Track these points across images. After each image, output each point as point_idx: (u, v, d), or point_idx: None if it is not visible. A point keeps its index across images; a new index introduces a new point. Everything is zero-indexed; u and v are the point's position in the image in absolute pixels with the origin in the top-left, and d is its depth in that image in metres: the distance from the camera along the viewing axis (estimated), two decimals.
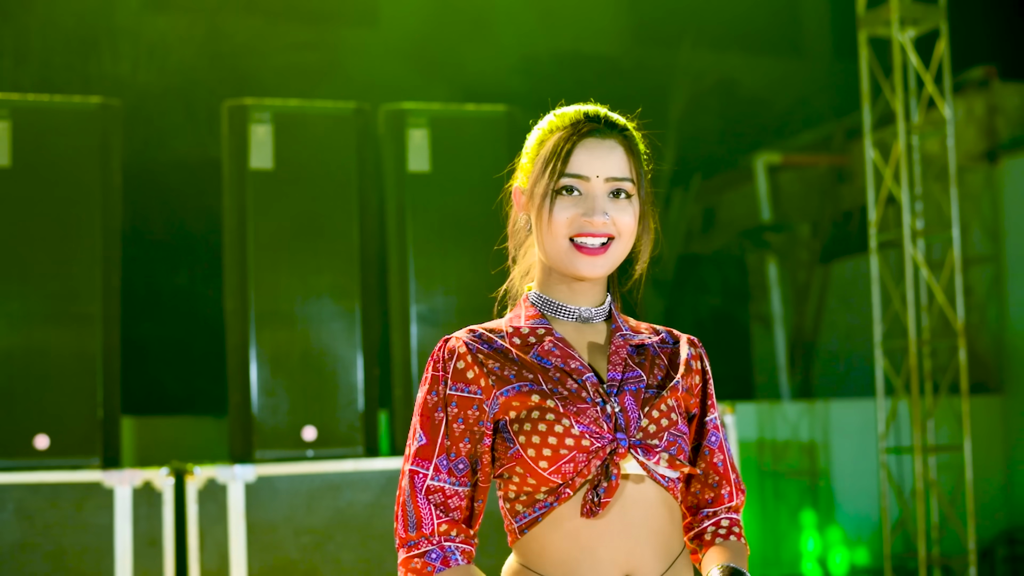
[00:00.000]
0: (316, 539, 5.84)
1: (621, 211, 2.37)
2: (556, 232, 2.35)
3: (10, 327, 5.78)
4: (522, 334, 2.39)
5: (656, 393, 2.34)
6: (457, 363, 2.34)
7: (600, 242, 2.35)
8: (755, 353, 13.55)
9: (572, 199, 2.36)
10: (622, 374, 2.35)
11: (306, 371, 6.06)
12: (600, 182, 2.36)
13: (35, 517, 5.58)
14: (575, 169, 2.35)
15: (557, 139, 2.40)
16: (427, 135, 6.27)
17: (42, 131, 5.92)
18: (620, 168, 2.38)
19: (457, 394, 2.33)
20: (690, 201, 11.90)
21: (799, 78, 13.92)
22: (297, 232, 6.13)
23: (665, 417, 2.32)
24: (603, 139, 2.39)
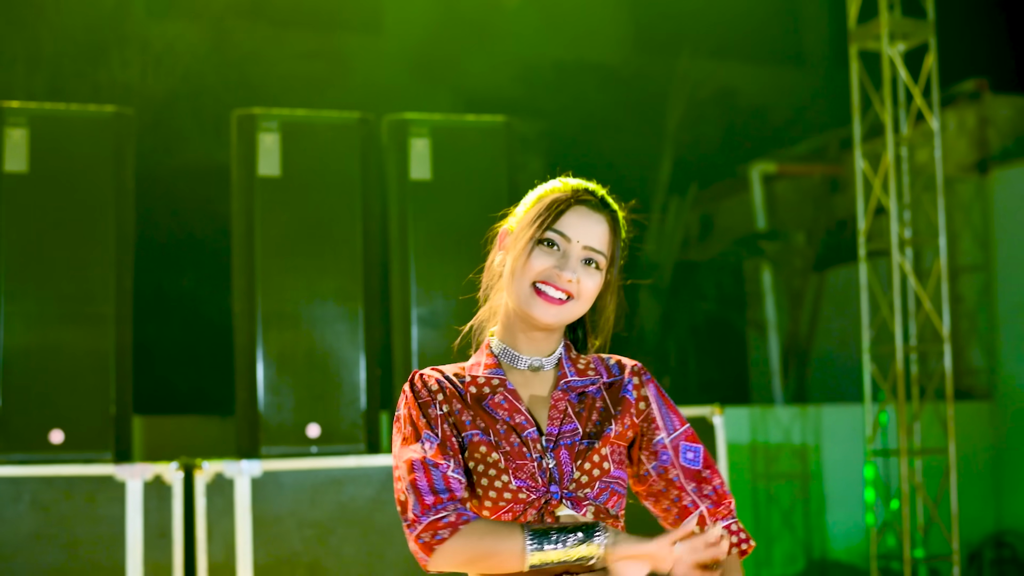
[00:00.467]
0: (319, 532, 5.98)
1: (588, 277, 2.61)
2: (525, 275, 2.60)
3: (27, 326, 5.94)
4: (478, 383, 2.64)
5: (589, 445, 2.59)
6: (438, 395, 2.62)
7: (559, 296, 2.59)
8: (750, 358, 13.62)
9: (550, 252, 2.61)
10: (559, 427, 2.59)
11: (311, 371, 6.21)
12: (579, 247, 2.61)
13: (50, 509, 5.73)
14: (562, 228, 2.61)
15: (555, 199, 2.65)
16: (428, 144, 6.41)
17: (58, 138, 6.09)
18: (600, 241, 2.63)
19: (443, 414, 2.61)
20: (687, 209, 11.99)
21: (797, 88, 14.04)
22: (303, 237, 6.28)
23: (597, 468, 2.58)
24: (593, 211, 2.65)
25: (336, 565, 6.00)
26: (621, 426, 2.65)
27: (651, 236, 11.80)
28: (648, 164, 12.18)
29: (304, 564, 5.97)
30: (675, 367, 12.27)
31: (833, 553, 9.88)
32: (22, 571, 5.69)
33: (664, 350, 11.86)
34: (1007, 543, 9.74)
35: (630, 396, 2.69)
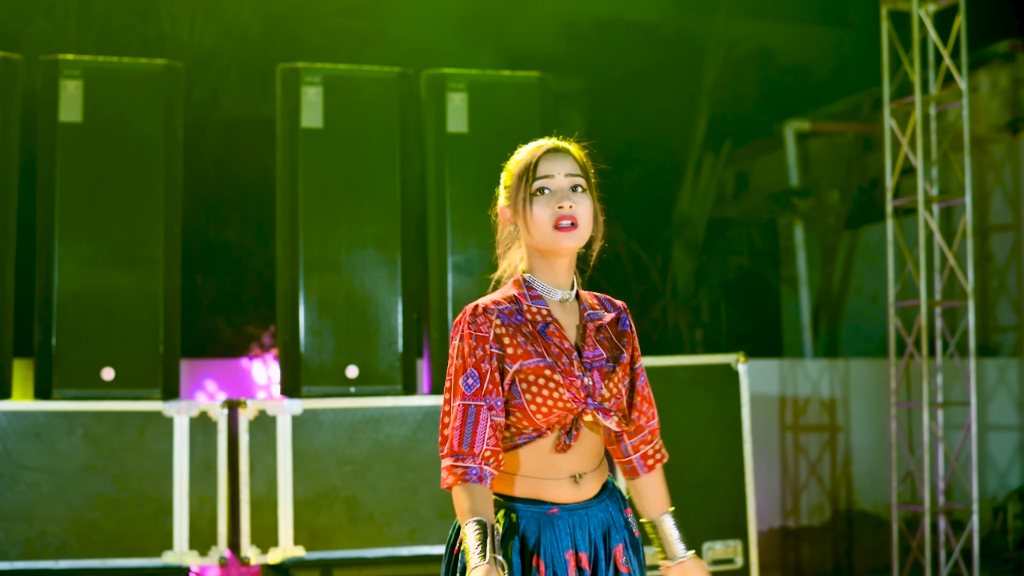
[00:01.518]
0: (356, 468, 6.21)
1: (580, 202, 3.14)
2: (540, 223, 3.12)
3: (80, 270, 6.15)
4: (532, 312, 3.15)
5: (612, 368, 3.18)
6: (496, 329, 3.12)
7: (569, 223, 3.10)
8: (784, 313, 13.64)
9: (545, 198, 3.13)
10: (592, 352, 3.16)
11: (350, 315, 6.41)
12: (562, 177, 3.14)
13: (101, 442, 5.98)
14: (542, 172, 3.14)
15: (526, 160, 3.18)
16: (465, 99, 6.58)
17: (111, 90, 6.30)
18: (574, 167, 3.17)
19: (497, 351, 3.11)
20: (721, 165, 11.97)
21: (833, 47, 14.00)
22: (344, 187, 6.46)
23: (616, 387, 3.18)
24: (558, 152, 3.19)
25: (372, 500, 6.21)
26: (628, 353, 3.25)
27: (685, 192, 11.84)
28: (684, 121, 12.20)
29: (342, 498, 6.18)
30: (708, 321, 12.34)
31: (859, 504, 9.96)
32: (75, 499, 5.92)
33: (697, 304, 11.93)
34: None
35: (629, 329, 3.29)
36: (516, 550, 3.09)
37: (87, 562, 5.92)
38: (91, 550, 5.92)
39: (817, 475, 9.92)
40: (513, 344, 3.11)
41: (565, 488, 3.14)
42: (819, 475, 9.92)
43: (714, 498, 6.68)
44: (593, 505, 3.17)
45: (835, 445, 9.95)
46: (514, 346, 3.10)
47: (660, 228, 11.88)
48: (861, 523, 9.94)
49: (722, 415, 6.75)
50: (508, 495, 3.13)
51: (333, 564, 6.13)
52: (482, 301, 3.17)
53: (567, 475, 3.14)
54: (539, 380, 3.09)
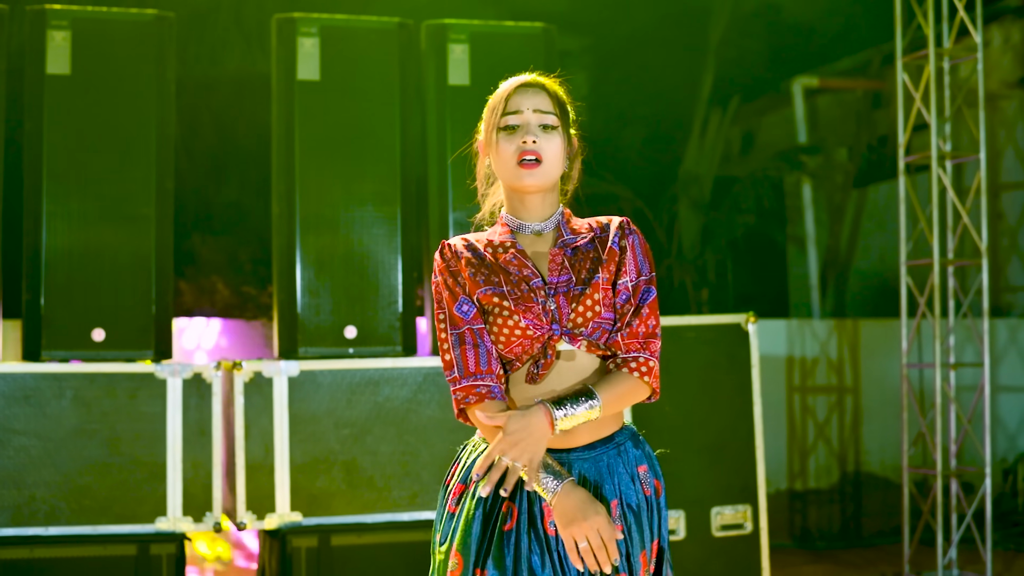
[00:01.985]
0: (355, 431, 6.08)
1: (548, 140, 3.12)
2: (505, 160, 3.12)
3: (69, 227, 6.01)
4: (494, 246, 3.16)
5: (581, 291, 3.08)
6: (461, 259, 3.14)
7: (531, 159, 3.09)
8: (791, 273, 13.58)
9: (513, 133, 3.12)
10: (557, 278, 3.10)
11: (348, 273, 6.28)
12: (530, 113, 3.12)
13: (92, 405, 5.84)
14: (512, 108, 3.13)
15: (499, 94, 3.19)
16: (467, 50, 6.43)
17: (100, 41, 6.13)
18: (545, 104, 3.15)
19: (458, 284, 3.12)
20: (728, 123, 11.91)
21: (842, 2, 13.87)
22: (342, 141, 6.32)
23: (589, 310, 3.08)
24: (530, 87, 3.17)
25: (372, 464, 6.09)
26: (607, 272, 3.13)
27: (692, 150, 11.75)
28: (691, 78, 12.11)
29: (340, 462, 6.06)
30: (714, 281, 12.27)
31: (867, 466, 9.89)
32: (65, 464, 5.80)
33: (703, 263, 11.85)
34: None
35: (615, 246, 3.16)
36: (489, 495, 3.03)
37: (78, 528, 5.80)
38: (82, 516, 5.81)
39: (825, 437, 9.92)
40: (469, 278, 3.11)
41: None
42: (827, 437, 9.92)
43: (723, 462, 6.56)
44: (585, 456, 3.08)
45: (843, 407, 9.92)
46: (469, 279, 3.11)
47: (666, 186, 11.80)
48: (869, 485, 9.94)
49: (731, 377, 6.62)
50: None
51: (331, 530, 6.01)
52: (449, 240, 3.21)
53: None
54: (494, 309, 3.08)
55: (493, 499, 3.04)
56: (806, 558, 9.04)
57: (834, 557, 9.04)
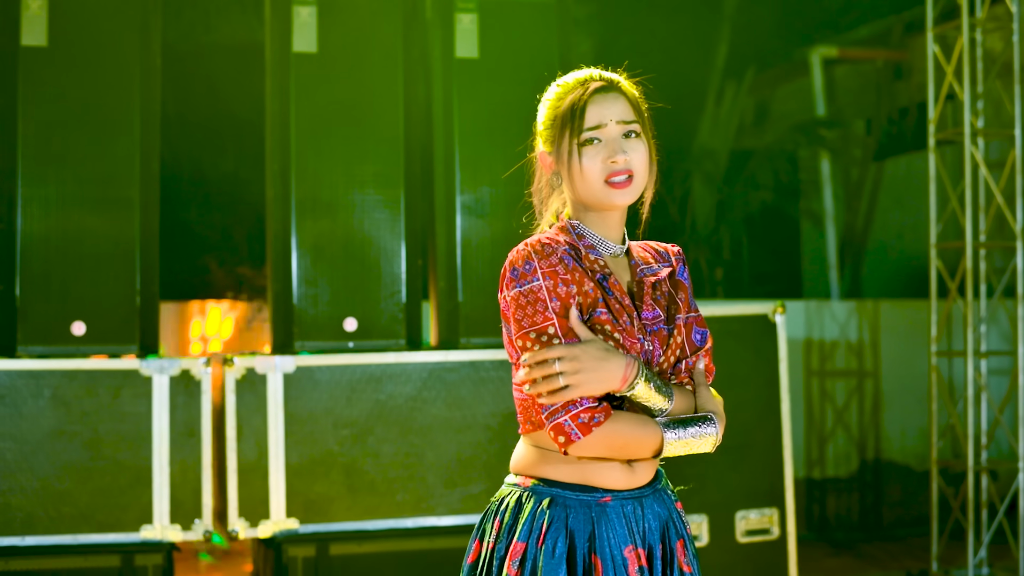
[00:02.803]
0: (356, 432, 5.85)
1: (634, 149, 2.83)
2: (590, 179, 2.82)
3: (46, 212, 5.78)
4: (589, 259, 2.86)
5: (669, 332, 2.87)
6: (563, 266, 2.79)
7: (624, 177, 2.82)
8: (804, 250, 13.50)
9: (595, 148, 2.83)
10: (651, 313, 2.86)
11: (348, 261, 6.07)
12: (614, 126, 2.83)
13: (72, 404, 5.61)
14: (592, 122, 2.83)
15: (571, 101, 2.86)
16: (476, 20, 6.22)
17: (80, 10, 5.89)
18: (627, 113, 2.85)
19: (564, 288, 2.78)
20: (743, 94, 11.76)
21: None
22: (340, 118, 6.10)
23: (673, 355, 2.87)
24: (607, 93, 2.86)
25: (373, 466, 5.87)
26: (684, 310, 2.93)
27: (706, 122, 11.56)
28: (703, 47, 11.93)
29: (339, 464, 5.85)
30: (729, 259, 12.10)
31: (888, 453, 9.72)
32: (42, 468, 5.57)
33: (718, 241, 11.69)
34: None
35: (684, 280, 2.99)
36: (564, 547, 2.77)
37: (57, 538, 5.56)
38: (61, 525, 5.56)
39: (844, 423, 9.79)
40: (583, 291, 2.81)
41: (617, 471, 2.83)
42: (846, 423, 9.79)
43: (748, 462, 6.30)
44: (649, 494, 2.88)
45: (863, 392, 9.85)
46: (583, 293, 2.81)
47: (679, 161, 11.62)
48: (890, 474, 9.88)
49: (757, 371, 6.36)
50: (552, 480, 2.84)
51: (330, 538, 5.77)
52: (538, 237, 2.85)
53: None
54: (608, 335, 2.81)
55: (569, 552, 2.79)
56: (826, 551, 8.98)
57: (855, 550, 8.99)
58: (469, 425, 5.91)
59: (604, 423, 2.71)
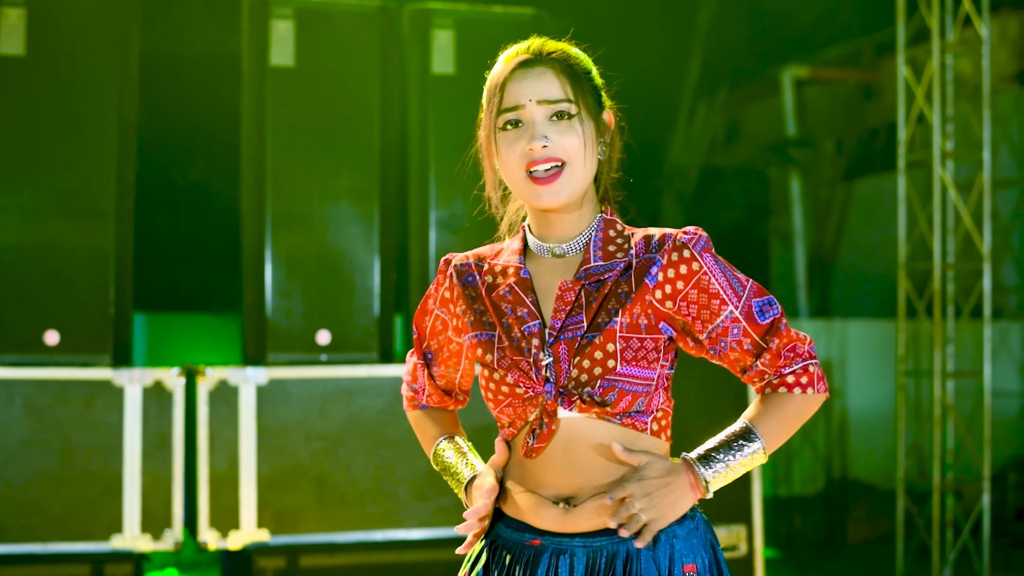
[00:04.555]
0: (327, 444, 5.87)
1: (563, 133, 2.39)
2: (511, 168, 2.42)
3: (21, 221, 5.80)
4: (495, 271, 2.51)
5: (590, 340, 2.37)
6: (446, 292, 2.57)
7: (545, 168, 2.39)
8: (773, 269, 13.55)
9: (515, 132, 2.41)
10: (563, 321, 2.40)
11: (322, 274, 6.10)
12: (534, 106, 2.40)
13: (44, 414, 5.62)
14: (511, 102, 2.41)
15: (493, 80, 2.46)
16: (452, 36, 6.27)
17: (57, 20, 5.91)
18: (553, 90, 2.40)
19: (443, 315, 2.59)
20: (715, 112, 11.83)
21: None
22: (317, 133, 6.13)
23: (598, 365, 2.36)
24: (532, 68, 2.43)
25: (345, 479, 5.89)
26: (630, 316, 2.38)
27: (677, 139, 11.62)
28: (677, 65, 11.99)
29: (311, 477, 5.86)
30: None
31: (854, 471, 9.76)
32: (14, 478, 5.58)
33: None
34: None
35: (650, 280, 2.39)
36: None
37: (26, 547, 5.56)
38: (31, 533, 5.57)
39: (811, 441, 9.74)
40: (457, 314, 2.54)
41: (548, 509, 2.42)
42: (813, 441, 9.75)
43: None
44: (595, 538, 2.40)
45: (831, 410, 9.83)
46: (458, 316, 2.54)
47: (650, 178, 11.67)
48: (855, 492, 9.84)
49: (726, 388, 6.36)
50: (499, 508, 2.52)
51: (300, 550, 5.79)
52: (458, 256, 2.59)
53: (550, 494, 2.42)
54: (484, 359, 2.47)
55: None
56: (791, 569, 8.91)
57: (820, 567, 8.97)
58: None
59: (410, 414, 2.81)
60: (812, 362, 2.42)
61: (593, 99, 2.45)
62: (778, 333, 2.41)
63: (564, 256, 2.46)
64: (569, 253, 2.45)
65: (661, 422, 2.43)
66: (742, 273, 2.45)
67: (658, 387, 2.40)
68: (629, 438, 2.39)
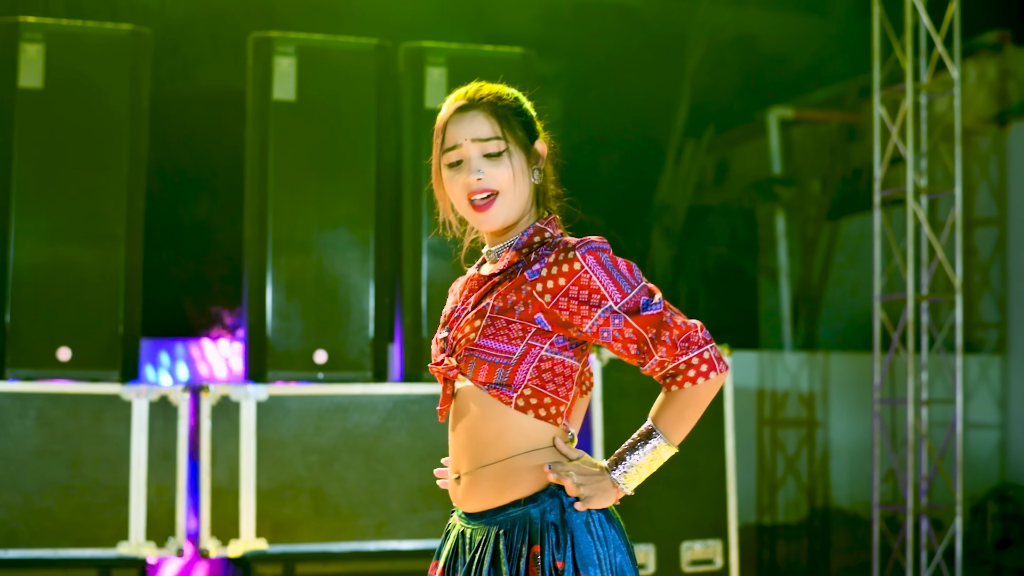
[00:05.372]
0: (323, 458, 6.04)
1: (495, 166, 2.74)
2: (456, 197, 2.79)
3: (37, 243, 5.96)
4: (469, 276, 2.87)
5: (465, 316, 2.74)
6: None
7: (482, 197, 2.74)
8: (762, 304, 13.59)
9: (457, 169, 2.77)
10: (462, 307, 2.78)
11: (320, 297, 6.25)
12: (469, 145, 2.75)
13: (55, 425, 5.79)
14: (450, 142, 2.77)
15: (438, 121, 2.84)
16: (445, 73, 6.40)
17: (74, 56, 6.10)
18: (484, 130, 2.75)
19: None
20: (702, 153, 11.95)
21: (817, 35, 13.90)
22: (316, 163, 6.30)
23: (462, 334, 2.71)
24: (467, 112, 2.78)
25: (339, 491, 6.05)
26: (503, 301, 2.70)
27: (665, 179, 11.77)
28: (665, 107, 12.13)
29: (307, 490, 6.02)
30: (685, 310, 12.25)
31: (836, 501, 9.88)
32: (26, 485, 5.74)
33: (675, 293, 11.85)
34: (1010, 497, 9.73)
35: (530, 274, 2.68)
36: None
37: (37, 552, 5.73)
38: (42, 539, 5.74)
39: (795, 471, 9.87)
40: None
41: (452, 483, 2.82)
42: (796, 471, 9.87)
43: (694, 496, 6.54)
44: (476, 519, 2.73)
45: (813, 441, 9.91)
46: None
47: (639, 215, 11.80)
48: (838, 521, 9.92)
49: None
50: None
51: (296, 558, 5.97)
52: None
53: (453, 466, 2.81)
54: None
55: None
56: None
57: None
58: (431, 454, 6.09)
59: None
60: (707, 348, 2.66)
61: (523, 133, 2.79)
62: (666, 326, 2.64)
63: (496, 261, 2.79)
64: (497, 256, 2.80)
65: (530, 400, 2.67)
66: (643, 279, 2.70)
67: (523, 363, 2.66)
68: (498, 410, 2.68)
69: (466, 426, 2.73)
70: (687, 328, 2.66)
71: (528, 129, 2.82)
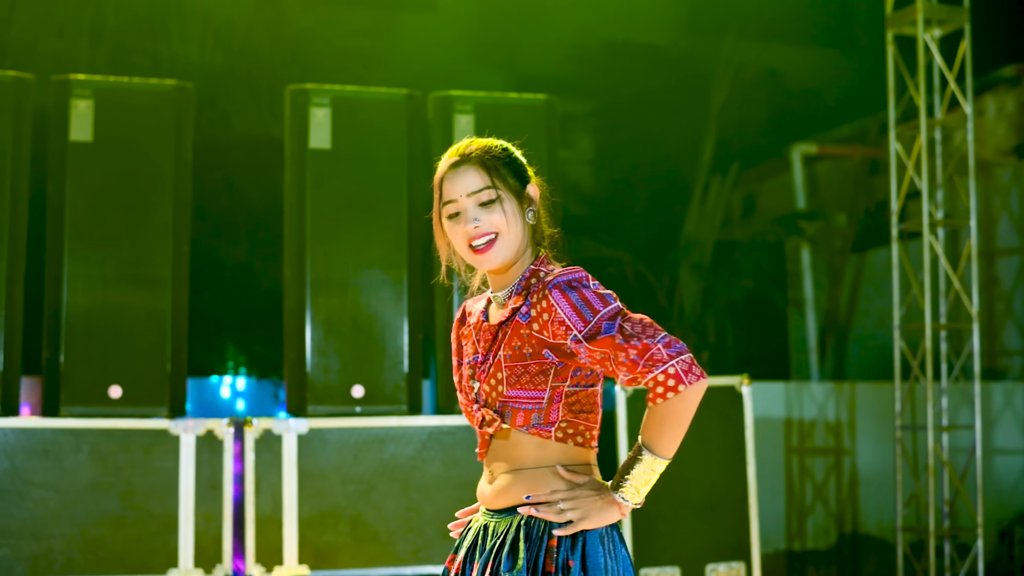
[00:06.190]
0: (361, 488, 6.23)
1: (490, 213, 2.98)
2: (458, 244, 3.02)
3: (89, 287, 6.19)
4: (467, 319, 3.14)
5: (488, 370, 2.96)
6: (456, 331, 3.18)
7: (482, 242, 2.97)
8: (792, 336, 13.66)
9: (456, 220, 3.00)
10: (483, 357, 3.00)
11: (356, 334, 6.43)
12: (465, 200, 2.99)
13: (107, 459, 6.01)
14: (447, 197, 3.02)
15: (436, 181, 3.07)
16: (472, 120, 6.61)
17: (121, 110, 6.34)
18: (475, 183, 2.99)
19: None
20: (728, 188, 12.05)
21: (840, 71, 14.06)
22: (351, 207, 6.49)
23: (493, 390, 2.96)
24: (459, 167, 3.02)
25: (377, 519, 6.23)
26: (510, 349, 2.95)
27: (692, 214, 11.89)
28: (692, 143, 12.27)
29: (346, 517, 6.21)
30: (714, 343, 12.37)
31: (864, 527, 9.99)
32: (81, 516, 5.95)
33: (703, 326, 11.97)
34: None
35: (521, 318, 2.93)
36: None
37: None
38: (97, 567, 5.94)
39: (823, 498, 9.96)
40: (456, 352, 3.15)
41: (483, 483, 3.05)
42: (825, 498, 9.96)
43: (718, 519, 6.71)
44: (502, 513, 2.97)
45: (841, 468, 9.99)
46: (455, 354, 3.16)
47: (667, 250, 11.93)
48: (866, 547, 9.97)
49: (726, 437, 6.77)
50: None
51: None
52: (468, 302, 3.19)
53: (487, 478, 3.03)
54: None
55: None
56: None
57: None
58: (464, 483, 6.27)
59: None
60: (672, 363, 2.77)
61: (514, 180, 3.02)
62: (620, 347, 2.80)
63: (504, 303, 3.01)
64: (503, 300, 3.02)
65: (567, 431, 2.94)
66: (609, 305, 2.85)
67: (553, 403, 2.93)
68: (537, 443, 2.93)
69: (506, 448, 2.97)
70: (645, 347, 2.77)
71: (519, 175, 3.04)
